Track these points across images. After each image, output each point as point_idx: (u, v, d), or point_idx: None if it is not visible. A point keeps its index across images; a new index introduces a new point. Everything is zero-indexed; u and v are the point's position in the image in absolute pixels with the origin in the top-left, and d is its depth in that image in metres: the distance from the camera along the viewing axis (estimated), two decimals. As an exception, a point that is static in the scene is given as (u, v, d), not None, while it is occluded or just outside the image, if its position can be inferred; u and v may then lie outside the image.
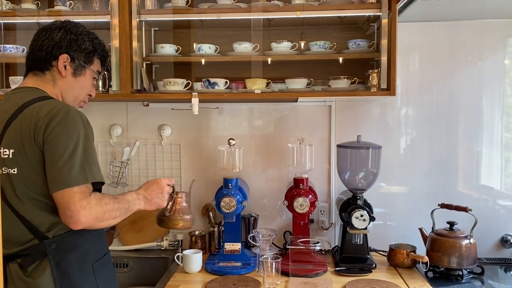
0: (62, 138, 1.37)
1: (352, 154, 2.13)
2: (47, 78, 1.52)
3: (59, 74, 1.53)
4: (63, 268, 1.41)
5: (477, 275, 2.04)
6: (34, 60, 1.53)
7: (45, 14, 2.19)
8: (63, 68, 1.52)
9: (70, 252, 1.43)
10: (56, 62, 1.52)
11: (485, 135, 2.32)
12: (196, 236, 2.33)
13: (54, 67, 1.52)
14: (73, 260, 1.43)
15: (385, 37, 2.03)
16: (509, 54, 2.29)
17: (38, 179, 1.38)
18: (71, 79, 1.55)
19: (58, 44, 1.51)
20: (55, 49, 1.51)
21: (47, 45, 1.51)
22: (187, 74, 2.29)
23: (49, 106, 1.41)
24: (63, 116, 1.38)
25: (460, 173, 2.34)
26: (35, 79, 1.52)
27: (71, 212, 1.34)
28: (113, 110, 2.45)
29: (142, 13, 2.13)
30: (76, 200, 1.34)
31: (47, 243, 1.39)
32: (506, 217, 2.32)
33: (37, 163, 1.38)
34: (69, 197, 1.34)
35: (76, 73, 1.55)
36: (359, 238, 2.10)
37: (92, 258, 1.49)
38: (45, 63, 1.51)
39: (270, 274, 1.92)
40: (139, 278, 2.33)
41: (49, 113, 1.38)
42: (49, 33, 1.52)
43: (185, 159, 2.45)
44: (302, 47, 2.26)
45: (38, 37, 1.53)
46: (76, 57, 1.54)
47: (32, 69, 1.54)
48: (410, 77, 2.33)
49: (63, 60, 1.52)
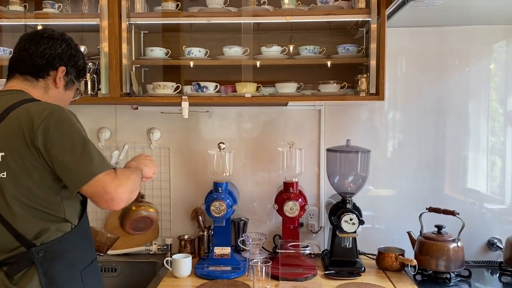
0: (68, 136, 1.37)
1: (342, 158, 2.14)
2: (39, 85, 1.51)
3: (53, 84, 1.53)
4: (51, 276, 1.38)
5: (465, 278, 2.07)
6: (31, 65, 1.49)
7: (32, 17, 2.16)
8: (59, 79, 1.53)
9: (58, 259, 1.41)
10: (53, 72, 1.52)
11: (472, 139, 2.36)
12: (185, 240, 2.32)
13: (50, 76, 1.52)
14: (61, 268, 1.41)
15: (374, 42, 2.05)
16: (495, 59, 2.33)
17: (30, 183, 1.37)
18: (62, 91, 1.56)
19: (60, 55, 1.52)
20: (56, 59, 1.51)
21: (48, 54, 1.50)
22: (176, 78, 2.28)
23: (39, 108, 1.40)
24: (59, 115, 1.38)
25: (447, 176, 2.37)
26: (25, 83, 1.50)
27: (110, 194, 1.36)
28: (102, 113, 2.43)
29: (131, 16, 2.12)
30: (109, 182, 1.37)
31: (35, 250, 1.37)
32: (492, 220, 2.35)
33: (31, 166, 1.36)
34: (102, 182, 1.36)
35: (67, 86, 1.57)
36: (348, 241, 2.11)
37: (81, 266, 1.47)
38: (42, 71, 1.50)
39: (260, 278, 1.92)
40: (128, 282, 2.31)
41: (41, 115, 1.36)
42: (52, 43, 1.51)
43: (175, 163, 2.44)
44: (291, 51, 2.27)
45: (38, 42, 1.50)
46: (70, 72, 1.56)
47: (23, 73, 1.50)
48: (398, 81, 2.36)
49: (61, 71, 1.52)
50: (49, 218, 1.40)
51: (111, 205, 1.38)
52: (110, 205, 1.38)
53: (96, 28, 2.09)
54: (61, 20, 2.16)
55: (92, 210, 1.80)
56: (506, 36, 2.31)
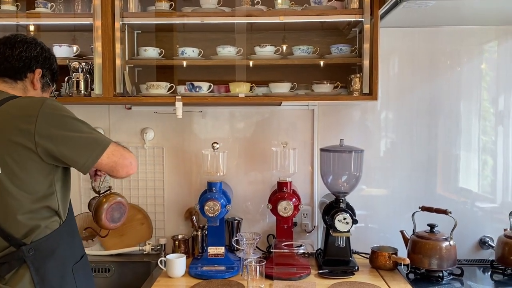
0: (69, 118, 1.43)
1: (335, 157, 2.15)
2: (18, 86, 1.54)
3: (31, 86, 1.56)
4: (43, 274, 1.41)
5: (457, 276, 2.08)
6: (8, 67, 1.52)
7: (23, 16, 2.15)
8: (36, 81, 1.56)
9: (49, 256, 1.43)
10: (30, 74, 1.55)
11: (463, 138, 2.38)
12: (179, 240, 2.32)
13: (27, 78, 1.55)
14: (52, 265, 1.43)
15: (367, 42, 2.06)
16: (486, 59, 2.35)
17: (26, 176, 1.39)
18: (39, 93, 1.60)
19: (36, 58, 1.56)
20: (33, 62, 1.55)
21: (25, 56, 1.53)
22: (170, 78, 2.28)
23: (29, 100, 1.45)
24: (52, 102, 1.43)
25: (440, 176, 2.39)
26: (4, 85, 1.53)
27: (128, 159, 1.49)
28: (95, 113, 2.42)
29: (125, 16, 2.11)
30: (121, 149, 1.49)
31: (25, 249, 1.39)
32: (484, 219, 2.37)
33: (27, 159, 1.38)
34: (119, 150, 1.48)
35: (44, 88, 1.61)
36: (342, 241, 2.12)
37: (71, 261, 1.50)
38: (19, 73, 1.53)
39: (254, 277, 1.92)
40: (122, 283, 2.30)
41: (36, 104, 1.40)
42: (27, 46, 1.54)
43: (168, 163, 2.44)
44: (285, 51, 2.28)
45: (12, 46, 1.53)
46: (46, 74, 1.60)
47: (1, 76, 1.53)
48: (391, 81, 2.37)
49: (38, 73, 1.56)
50: (41, 215, 1.42)
51: (130, 169, 1.48)
52: (129, 169, 1.48)
53: (89, 27, 2.08)
54: (53, 20, 2.16)
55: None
56: (498, 36, 2.34)
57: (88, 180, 2.36)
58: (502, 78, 2.35)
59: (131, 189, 2.42)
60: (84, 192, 2.42)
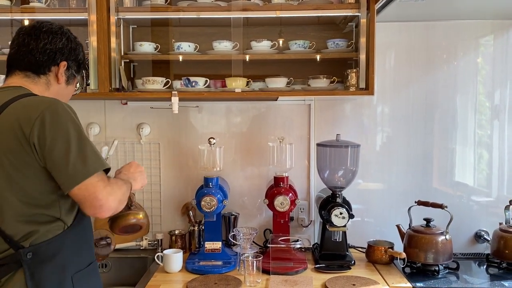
0: (63, 131, 1.32)
1: (332, 152, 2.15)
2: (41, 81, 1.47)
3: (55, 80, 1.49)
4: (38, 280, 1.33)
5: (453, 270, 2.09)
6: (31, 62, 1.45)
7: (18, 11, 2.13)
8: (61, 75, 1.49)
9: (47, 262, 1.35)
10: (55, 68, 1.48)
11: (459, 132, 2.38)
12: (176, 236, 2.32)
13: (51, 72, 1.48)
14: (50, 271, 1.36)
15: (364, 36, 2.06)
16: (482, 53, 2.36)
17: (24, 181, 1.33)
18: (64, 86, 1.53)
19: (61, 50, 1.48)
20: (58, 55, 1.47)
21: (49, 49, 1.46)
22: (165, 72, 2.27)
23: (35, 101, 1.36)
24: (56, 108, 1.34)
25: (436, 170, 2.40)
26: (25, 80, 1.46)
27: (100, 201, 1.33)
28: (91, 108, 2.41)
29: (120, 11, 2.10)
30: (101, 188, 1.33)
31: (23, 252, 1.32)
32: (480, 213, 2.39)
33: (25, 164, 1.32)
34: (94, 187, 1.33)
35: (69, 81, 1.54)
36: (338, 235, 2.13)
37: (72, 269, 1.41)
38: (44, 67, 1.46)
39: (251, 272, 1.93)
40: (119, 278, 2.30)
41: (38, 108, 1.32)
42: (52, 37, 1.46)
43: (165, 158, 2.43)
44: (281, 45, 2.27)
45: (37, 37, 1.46)
46: (71, 66, 1.52)
47: (23, 70, 1.46)
48: (387, 76, 2.37)
49: (63, 66, 1.49)
50: (40, 220, 1.35)
51: (98, 212, 1.34)
52: (97, 212, 1.34)
53: (84, 22, 2.07)
54: (48, 15, 2.13)
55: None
56: (493, 30, 2.34)
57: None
58: (498, 72, 2.36)
59: (128, 185, 2.41)
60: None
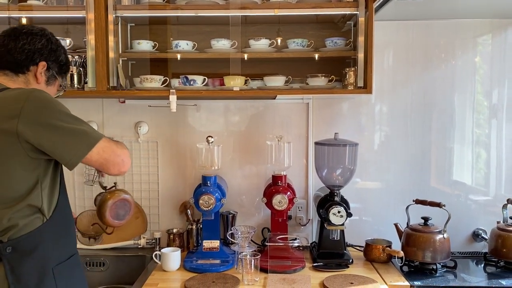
0: (57, 110, 1.37)
1: (330, 151, 2.15)
2: (20, 80, 1.49)
3: (34, 80, 1.51)
4: (18, 274, 1.34)
5: (450, 269, 2.10)
6: (10, 61, 1.47)
7: (15, 9, 2.13)
8: (40, 75, 1.51)
9: (27, 256, 1.36)
10: (33, 67, 1.50)
11: (457, 131, 2.39)
12: (174, 234, 2.32)
13: (30, 71, 1.50)
14: (30, 265, 1.36)
15: (362, 35, 2.06)
16: (480, 52, 2.36)
17: (8, 172, 1.33)
18: (44, 87, 1.54)
19: (40, 51, 1.50)
20: (36, 54, 1.49)
21: (28, 49, 1.48)
22: (163, 71, 2.26)
23: (16, 92, 1.38)
24: (40, 94, 1.38)
25: (434, 169, 2.40)
26: (4, 78, 1.48)
27: (120, 156, 1.43)
28: (89, 106, 2.40)
29: (118, 9, 2.10)
30: (114, 146, 1.43)
31: (2, 247, 1.32)
32: (477, 212, 2.39)
33: (11, 154, 1.33)
34: (111, 146, 1.42)
35: (49, 82, 1.56)
36: (336, 234, 2.13)
37: (53, 262, 1.41)
38: (22, 66, 1.48)
39: (249, 271, 1.93)
40: (116, 277, 2.30)
41: (21, 97, 1.34)
42: (31, 38, 1.49)
43: (163, 157, 2.43)
44: (279, 44, 2.27)
45: (16, 38, 1.48)
46: (51, 67, 1.54)
47: (2, 68, 1.48)
48: (385, 74, 2.37)
49: (42, 67, 1.51)
50: (20, 214, 1.35)
51: (121, 166, 1.43)
52: (121, 167, 1.43)
53: (82, 20, 2.06)
54: (46, 13, 2.13)
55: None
56: (492, 29, 2.34)
57: (82, 174, 2.36)
58: (496, 71, 2.36)
59: (126, 183, 2.41)
60: (78, 187, 2.41)
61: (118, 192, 1.67)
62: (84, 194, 2.40)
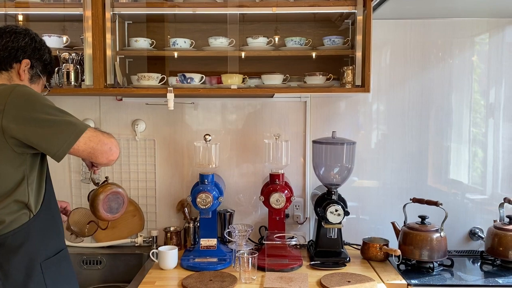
0: (41, 103, 1.38)
1: (327, 150, 2.15)
2: (3, 77, 1.52)
3: (17, 77, 1.53)
4: (7, 270, 1.35)
5: (447, 267, 2.11)
6: None
7: (12, 6, 2.12)
8: (23, 72, 1.53)
9: (14, 252, 1.37)
10: (17, 65, 1.53)
11: (454, 130, 2.39)
12: (171, 232, 2.32)
13: (13, 69, 1.53)
14: (17, 261, 1.37)
15: (360, 33, 2.06)
16: (477, 51, 2.36)
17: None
18: (27, 84, 1.55)
19: (23, 48, 1.53)
20: (19, 52, 1.52)
21: (11, 47, 1.51)
22: (161, 69, 2.26)
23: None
24: (23, 88, 1.39)
25: (431, 167, 2.40)
26: None
27: (107, 144, 1.42)
28: (85, 104, 2.40)
29: (115, 6, 2.09)
30: (100, 135, 1.43)
31: None
32: (474, 210, 2.40)
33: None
34: (97, 135, 1.42)
35: (33, 80, 1.58)
36: (334, 232, 2.13)
37: (41, 257, 1.42)
38: (5, 63, 1.51)
39: (246, 269, 1.93)
40: (113, 275, 2.30)
41: (4, 92, 1.36)
42: (15, 36, 1.52)
43: (160, 155, 2.42)
44: (277, 42, 2.27)
45: (0, 36, 1.51)
46: (35, 65, 1.57)
47: None
48: (383, 73, 2.37)
49: (25, 64, 1.53)
50: (6, 211, 1.36)
51: (110, 155, 1.42)
52: (109, 155, 1.42)
53: (79, 17, 2.05)
54: (43, 10, 2.13)
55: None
56: (489, 28, 2.34)
57: (78, 172, 2.36)
58: (493, 71, 2.36)
59: (123, 181, 2.40)
60: (75, 184, 2.40)
61: (110, 185, 1.68)
62: (81, 192, 2.39)
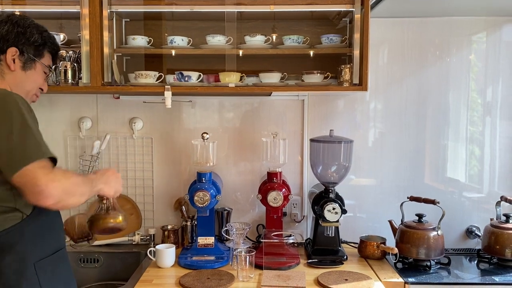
0: (6, 119, 1.30)
1: (325, 148, 2.15)
2: None
3: (7, 68, 1.48)
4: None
5: (444, 266, 2.11)
6: None
7: (8, 3, 2.10)
8: (11, 61, 1.48)
9: (6, 252, 1.34)
10: (3, 56, 1.48)
11: (451, 128, 2.40)
12: (168, 231, 2.32)
13: (2, 61, 1.48)
14: (10, 260, 1.34)
15: (358, 32, 2.06)
16: (474, 50, 2.37)
17: None
18: (21, 73, 1.51)
19: (5, 37, 1.47)
20: (1, 42, 1.47)
21: None
22: (158, 67, 2.25)
23: None
24: (2, 97, 1.34)
25: (428, 166, 2.41)
26: None
27: (40, 187, 1.26)
28: (82, 102, 2.39)
29: (113, 4, 2.08)
30: (41, 175, 1.27)
31: None
32: (471, 208, 2.41)
33: None
34: (33, 173, 1.27)
35: (26, 66, 1.52)
36: (331, 230, 2.13)
37: (34, 257, 1.39)
38: None
39: (244, 267, 1.93)
40: (111, 273, 2.29)
41: None
42: None
43: (157, 153, 2.42)
44: (274, 40, 2.26)
45: None
46: (25, 51, 1.51)
47: None
48: (380, 71, 2.37)
49: (11, 53, 1.48)
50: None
51: (39, 199, 1.28)
52: (38, 198, 1.28)
53: (77, 15, 2.04)
54: (39, 7, 2.10)
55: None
56: (486, 27, 2.35)
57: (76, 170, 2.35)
58: (490, 69, 2.37)
59: (120, 180, 2.39)
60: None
61: (114, 217, 1.58)
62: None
